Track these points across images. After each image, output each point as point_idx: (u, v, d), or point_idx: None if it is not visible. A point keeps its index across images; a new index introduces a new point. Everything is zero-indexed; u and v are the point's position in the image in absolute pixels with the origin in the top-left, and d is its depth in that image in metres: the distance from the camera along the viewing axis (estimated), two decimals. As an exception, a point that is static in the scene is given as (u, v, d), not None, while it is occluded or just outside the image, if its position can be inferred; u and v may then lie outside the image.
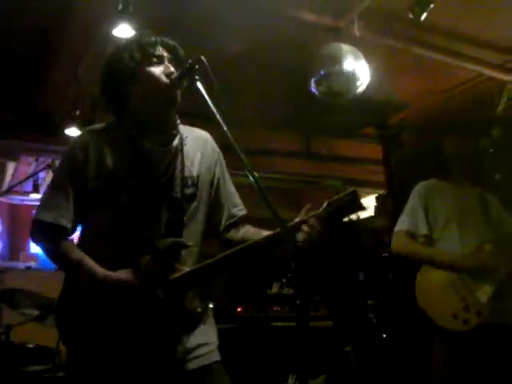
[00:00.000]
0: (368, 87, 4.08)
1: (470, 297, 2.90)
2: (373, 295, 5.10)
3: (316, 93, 4.03)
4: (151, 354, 1.87)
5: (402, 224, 3.18)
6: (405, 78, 4.90)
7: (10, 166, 6.18)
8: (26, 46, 4.40)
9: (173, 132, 2.02)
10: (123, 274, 1.85)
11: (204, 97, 1.82)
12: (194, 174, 2.04)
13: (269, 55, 4.47)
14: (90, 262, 1.88)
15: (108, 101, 2.03)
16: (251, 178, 1.71)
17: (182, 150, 2.04)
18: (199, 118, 2.10)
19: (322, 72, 3.92)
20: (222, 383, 1.99)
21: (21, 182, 4.10)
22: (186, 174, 2.02)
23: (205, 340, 1.99)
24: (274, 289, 3.98)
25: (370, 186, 6.28)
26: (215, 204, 2.13)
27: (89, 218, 1.97)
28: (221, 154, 2.18)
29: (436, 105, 5.06)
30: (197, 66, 1.85)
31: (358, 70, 3.88)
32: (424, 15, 3.63)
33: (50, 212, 1.92)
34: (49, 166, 4.50)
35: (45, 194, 2.01)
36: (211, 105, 1.79)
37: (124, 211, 1.92)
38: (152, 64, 1.96)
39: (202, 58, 1.83)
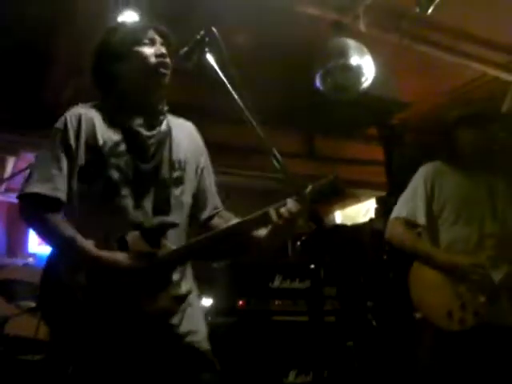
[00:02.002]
0: (371, 85, 4.07)
1: (467, 294, 2.69)
2: (372, 297, 5.06)
3: (321, 88, 4.02)
4: (143, 333, 1.84)
5: (400, 211, 2.96)
6: (408, 77, 4.88)
7: (10, 163, 6.12)
8: (28, 39, 4.36)
9: (160, 117, 2.04)
10: (119, 256, 1.82)
11: (214, 69, 1.80)
12: (182, 158, 2.05)
13: (272, 51, 4.44)
14: (82, 240, 1.84)
15: (97, 81, 2.06)
16: (273, 159, 1.71)
17: (170, 134, 2.05)
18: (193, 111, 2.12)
19: (328, 67, 3.90)
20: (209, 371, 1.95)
21: (22, 171, 4.04)
22: (174, 157, 2.03)
23: (195, 327, 1.97)
24: (277, 282, 3.93)
25: (371, 187, 6.26)
26: (200, 192, 2.14)
27: (79, 193, 1.93)
28: (205, 148, 2.20)
29: (441, 105, 5.03)
30: (207, 39, 1.84)
31: (364, 65, 3.87)
32: (430, 9, 3.62)
33: (44, 184, 1.88)
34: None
35: (35, 166, 1.95)
36: (222, 77, 1.77)
37: (111, 188, 1.90)
38: (143, 45, 1.98)
39: (213, 29, 1.82)
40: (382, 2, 3.91)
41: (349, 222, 6.78)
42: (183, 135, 2.11)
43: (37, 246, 7.93)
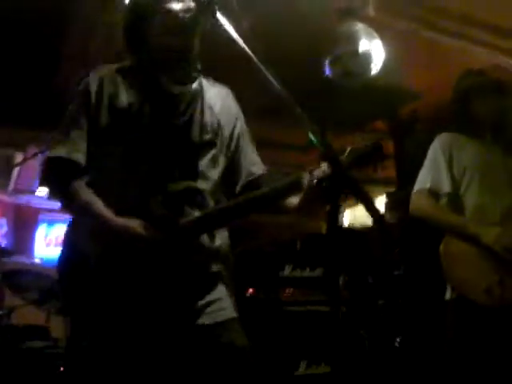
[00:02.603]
0: (381, 75, 4.03)
1: (503, 268, 2.54)
2: (383, 295, 4.98)
3: (330, 74, 3.98)
4: (161, 308, 1.78)
5: (424, 181, 2.82)
6: (418, 67, 4.82)
7: (17, 159, 6.11)
8: (36, 34, 4.34)
9: (193, 72, 1.96)
10: (133, 223, 1.74)
11: (227, 30, 1.73)
12: (215, 121, 1.97)
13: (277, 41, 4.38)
14: (98, 205, 1.79)
15: (129, 40, 1.98)
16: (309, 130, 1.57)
17: (202, 95, 1.97)
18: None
19: (337, 52, 3.87)
20: (237, 341, 1.87)
21: (34, 156, 3.90)
22: (206, 119, 1.94)
23: (218, 296, 1.89)
24: (287, 271, 3.86)
25: (379, 182, 6.16)
26: (233, 160, 2.04)
27: (100, 156, 1.88)
28: (241, 112, 2.10)
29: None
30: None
31: (373, 50, 3.83)
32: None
33: (63, 147, 1.84)
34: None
35: (58, 129, 1.92)
36: (237, 37, 1.70)
37: (136, 149, 1.84)
38: (171, 1, 1.90)
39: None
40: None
41: (358, 221, 6.70)
42: (217, 97, 2.02)
43: (44, 249, 7.91)
